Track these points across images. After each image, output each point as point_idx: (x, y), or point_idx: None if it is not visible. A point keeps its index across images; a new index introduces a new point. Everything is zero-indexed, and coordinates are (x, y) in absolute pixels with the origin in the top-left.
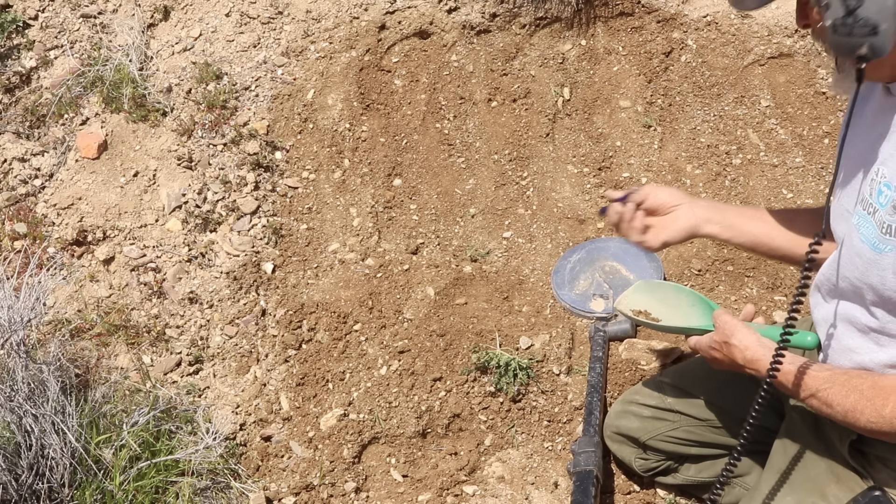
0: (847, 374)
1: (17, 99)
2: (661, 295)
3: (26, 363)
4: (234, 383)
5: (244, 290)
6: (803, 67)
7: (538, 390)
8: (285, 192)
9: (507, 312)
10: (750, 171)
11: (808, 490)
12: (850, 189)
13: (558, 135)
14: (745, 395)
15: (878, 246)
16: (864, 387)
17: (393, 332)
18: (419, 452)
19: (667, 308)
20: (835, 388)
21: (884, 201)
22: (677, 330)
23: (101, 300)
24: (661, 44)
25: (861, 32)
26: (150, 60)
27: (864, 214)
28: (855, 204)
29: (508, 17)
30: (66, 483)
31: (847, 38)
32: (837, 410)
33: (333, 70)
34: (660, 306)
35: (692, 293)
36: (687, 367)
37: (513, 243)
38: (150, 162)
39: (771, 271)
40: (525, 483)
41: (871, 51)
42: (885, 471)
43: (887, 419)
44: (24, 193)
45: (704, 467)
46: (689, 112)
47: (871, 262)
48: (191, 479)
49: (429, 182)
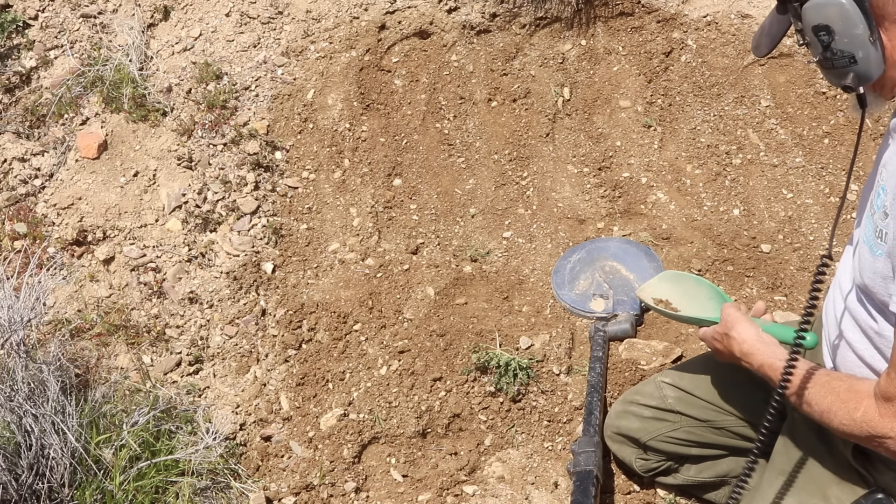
0: (829, 375)
1: (17, 99)
2: (683, 287)
3: (26, 363)
4: (234, 383)
5: (244, 290)
6: (803, 67)
7: (538, 390)
8: (285, 192)
9: (507, 312)
10: (750, 171)
11: (809, 491)
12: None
13: (558, 135)
14: (746, 395)
15: (873, 249)
16: (841, 389)
17: (393, 332)
18: (419, 452)
19: (686, 300)
20: (815, 388)
21: (879, 204)
22: (690, 320)
23: (101, 300)
24: (661, 44)
25: (842, 63)
26: (150, 60)
27: (868, 215)
28: (868, 204)
29: (508, 17)
30: (66, 483)
31: (833, 70)
32: (815, 410)
33: (333, 70)
34: (680, 297)
35: (711, 287)
36: (687, 368)
37: (513, 243)
38: (150, 162)
39: (771, 271)
40: (525, 483)
41: (857, 78)
42: (888, 473)
43: (857, 422)
44: (24, 193)
45: (705, 468)
46: (689, 112)
47: (869, 264)
48: (191, 479)
49: (429, 182)
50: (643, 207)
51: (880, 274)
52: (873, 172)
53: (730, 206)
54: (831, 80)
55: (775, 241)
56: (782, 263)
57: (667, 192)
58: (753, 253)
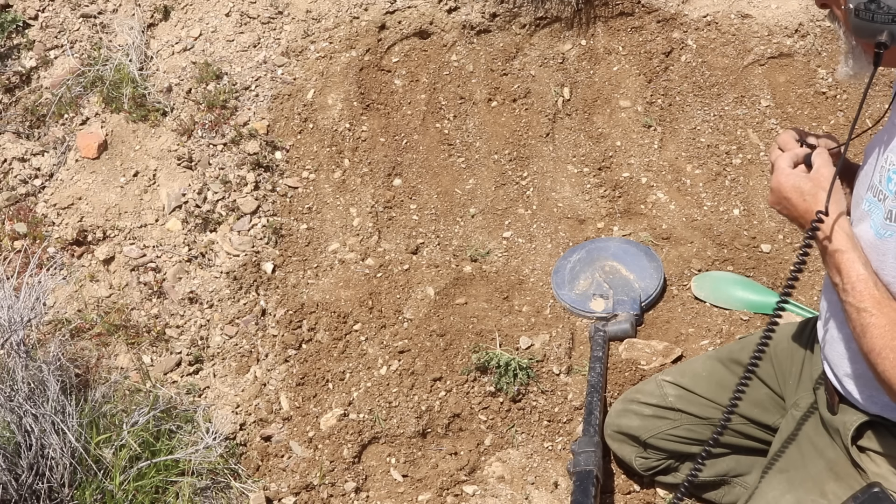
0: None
1: (17, 99)
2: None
3: (26, 363)
4: (234, 383)
5: (244, 289)
6: (803, 67)
7: (538, 390)
8: (285, 192)
9: (507, 312)
10: (750, 171)
11: (807, 488)
12: (863, 174)
13: (558, 135)
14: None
15: (881, 231)
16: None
17: (393, 332)
18: (419, 452)
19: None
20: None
21: (892, 188)
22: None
23: (101, 300)
24: (661, 44)
25: (883, 19)
26: (150, 60)
27: (875, 201)
28: (866, 190)
29: (508, 16)
30: (66, 483)
31: (868, 24)
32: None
33: (333, 70)
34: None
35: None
36: (688, 367)
37: (513, 243)
38: (150, 162)
39: (771, 271)
40: (525, 483)
41: (891, 37)
42: (884, 465)
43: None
44: (24, 193)
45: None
46: (689, 112)
47: (872, 246)
48: (191, 478)
49: (429, 182)
50: (643, 207)
51: (892, 254)
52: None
53: (730, 206)
54: (860, 31)
55: (775, 241)
56: (782, 263)
57: (667, 192)
58: (753, 253)
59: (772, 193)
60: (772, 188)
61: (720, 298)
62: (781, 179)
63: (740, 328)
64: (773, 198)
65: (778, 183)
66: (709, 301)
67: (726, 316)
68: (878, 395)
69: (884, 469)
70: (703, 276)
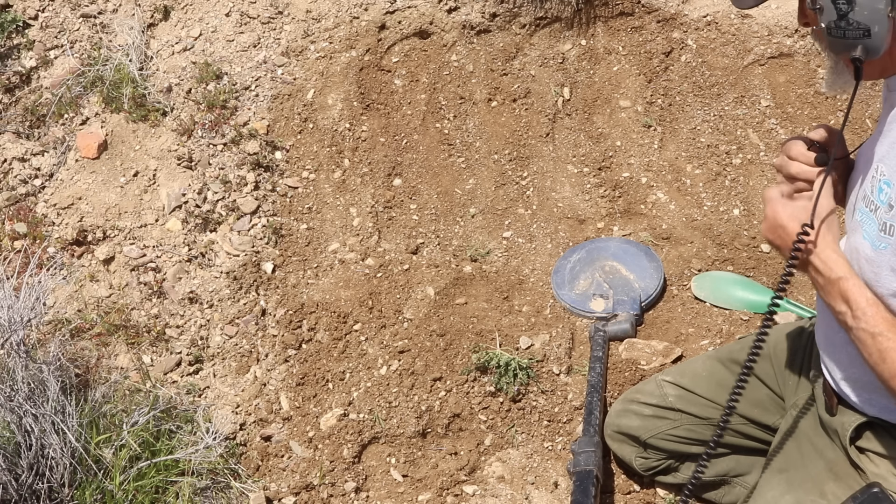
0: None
1: (17, 99)
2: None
3: (26, 363)
4: (234, 383)
5: (244, 289)
6: (803, 67)
7: (538, 390)
8: (285, 192)
9: (507, 312)
10: (750, 171)
11: (806, 489)
12: (855, 184)
13: (558, 135)
14: (747, 393)
15: (876, 243)
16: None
17: (393, 332)
18: (419, 452)
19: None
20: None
21: (884, 199)
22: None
23: (101, 300)
24: (661, 44)
25: (854, 34)
26: (150, 60)
27: (867, 211)
28: (857, 200)
29: (508, 16)
30: (66, 483)
31: (841, 40)
32: (887, 367)
33: (333, 70)
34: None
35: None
36: (688, 367)
37: (513, 243)
38: (150, 162)
39: (771, 271)
40: (525, 483)
41: (865, 52)
42: (883, 465)
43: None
44: (24, 193)
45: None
46: (689, 112)
47: (868, 258)
48: (191, 478)
49: (429, 182)
50: (643, 207)
51: (887, 266)
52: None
53: (730, 205)
54: (835, 48)
55: None
56: (782, 263)
57: (667, 191)
58: (753, 253)
59: (766, 222)
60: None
61: (720, 298)
62: (778, 209)
63: (740, 328)
64: (767, 226)
65: (774, 212)
66: (709, 301)
67: (726, 316)
68: (876, 398)
69: (883, 469)
70: (703, 276)
